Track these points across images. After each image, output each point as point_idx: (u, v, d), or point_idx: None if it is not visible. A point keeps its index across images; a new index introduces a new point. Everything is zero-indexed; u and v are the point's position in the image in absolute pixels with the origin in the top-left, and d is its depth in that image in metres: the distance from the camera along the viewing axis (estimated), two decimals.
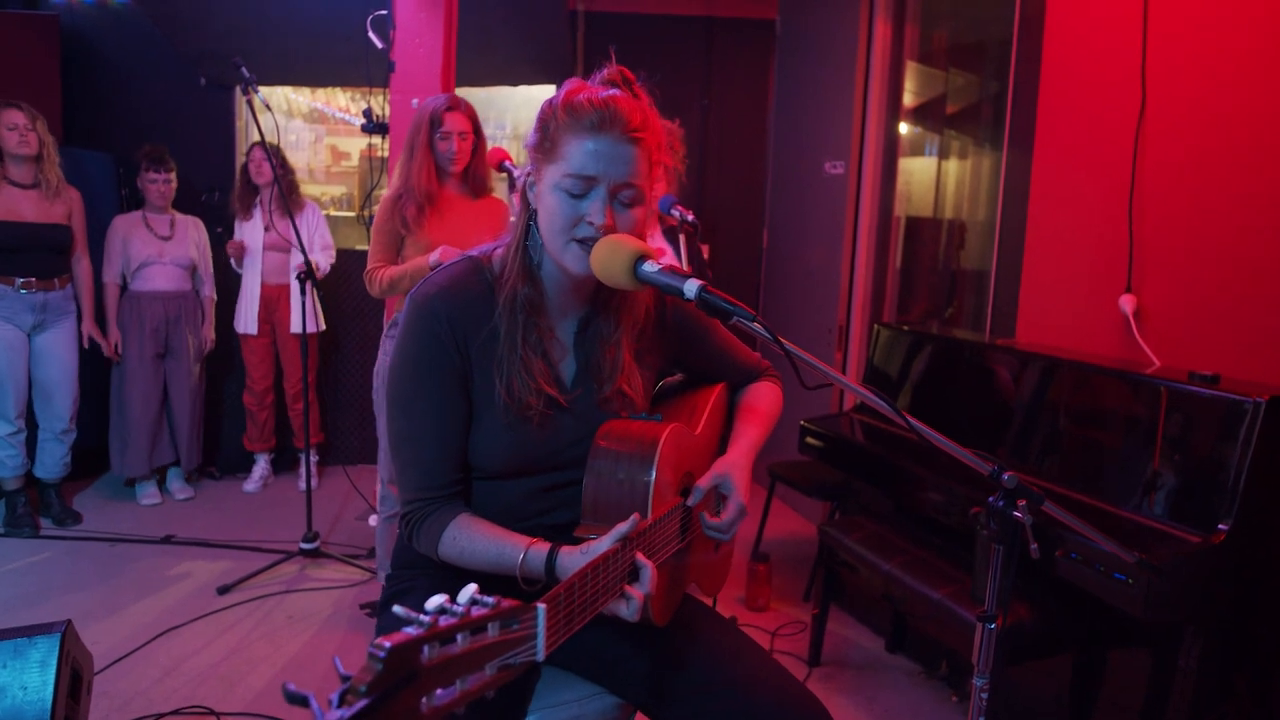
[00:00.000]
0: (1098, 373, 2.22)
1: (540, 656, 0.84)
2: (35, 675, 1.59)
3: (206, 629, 2.90)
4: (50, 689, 1.56)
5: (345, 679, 0.66)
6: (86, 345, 3.88)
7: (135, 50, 4.73)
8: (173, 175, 4.06)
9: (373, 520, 3.69)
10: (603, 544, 1.11)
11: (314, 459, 4.29)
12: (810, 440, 3.00)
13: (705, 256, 2.89)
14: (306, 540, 3.42)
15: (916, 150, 4.08)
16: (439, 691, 0.70)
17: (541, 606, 0.85)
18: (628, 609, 1.11)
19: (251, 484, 4.38)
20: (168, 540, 3.65)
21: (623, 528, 1.12)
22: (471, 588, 0.78)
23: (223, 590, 3.16)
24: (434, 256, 2.58)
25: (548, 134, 1.23)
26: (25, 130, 3.52)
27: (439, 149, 2.72)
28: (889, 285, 4.02)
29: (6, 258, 3.56)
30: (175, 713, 2.38)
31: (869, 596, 3.05)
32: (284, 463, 4.65)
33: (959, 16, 3.86)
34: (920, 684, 2.69)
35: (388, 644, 0.67)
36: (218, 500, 4.23)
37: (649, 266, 1.14)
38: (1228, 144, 2.28)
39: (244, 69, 3.25)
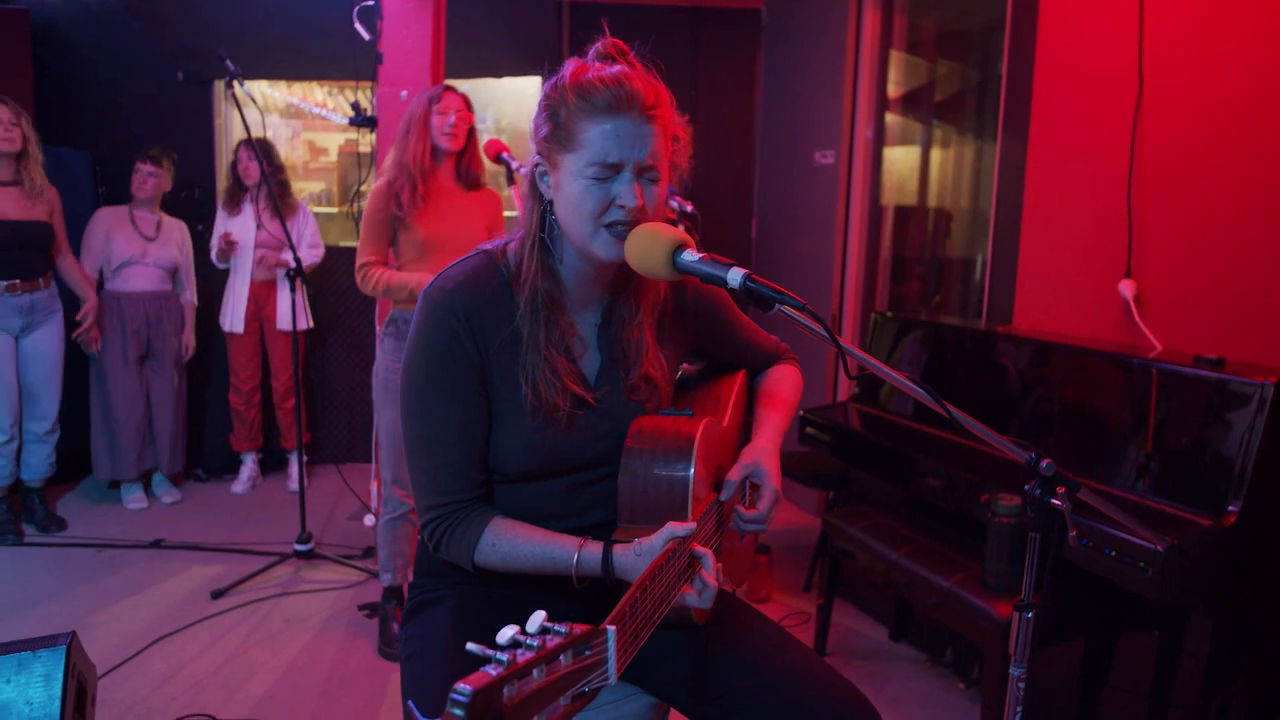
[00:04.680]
0: (1099, 357, 2.23)
1: (612, 680, 0.81)
2: (39, 690, 1.53)
3: (202, 635, 2.85)
4: (56, 704, 1.51)
5: None
6: (85, 330, 3.78)
7: (110, 44, 4.61)
8: (159, 170, 3.98)
9: (368, 520, 3.64)
10: (656, 543, 1.09)
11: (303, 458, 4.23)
12: (810, 431, 3.00)
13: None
14: (300, 541, 3.37)
15: (906, 139, 4.08)
16: None
17: (611, 629, 0.82)
18: (700, 598, 1.10)
19: (240, 485, 4.31)
20: (157, 545, 3.58)
21: (678, 530, 1.09)
22: (540, 615, 0.75)
23: (217, 594, 3.10)
24: None
25: (559, 121, 1.18)
26: (9, 126, 3.43)
27: (436, 124, 2.63)
28: (880, 274, 4.02)
29: None
30: None
31: (871, 585, 3.05)
32: (270, 463, 4.58)
33: (948, 4, 3.86)
34: (926, 671, 2.70)
35: (469, 688, 0.63)
36: (206, 503, 4.16)
37: (689, 255, 1.11)
38: (1226, 128, 2.29)
39: (228, 62, 3.18)
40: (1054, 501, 1.13)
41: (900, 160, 4.08)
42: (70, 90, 4.62)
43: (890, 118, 3.97)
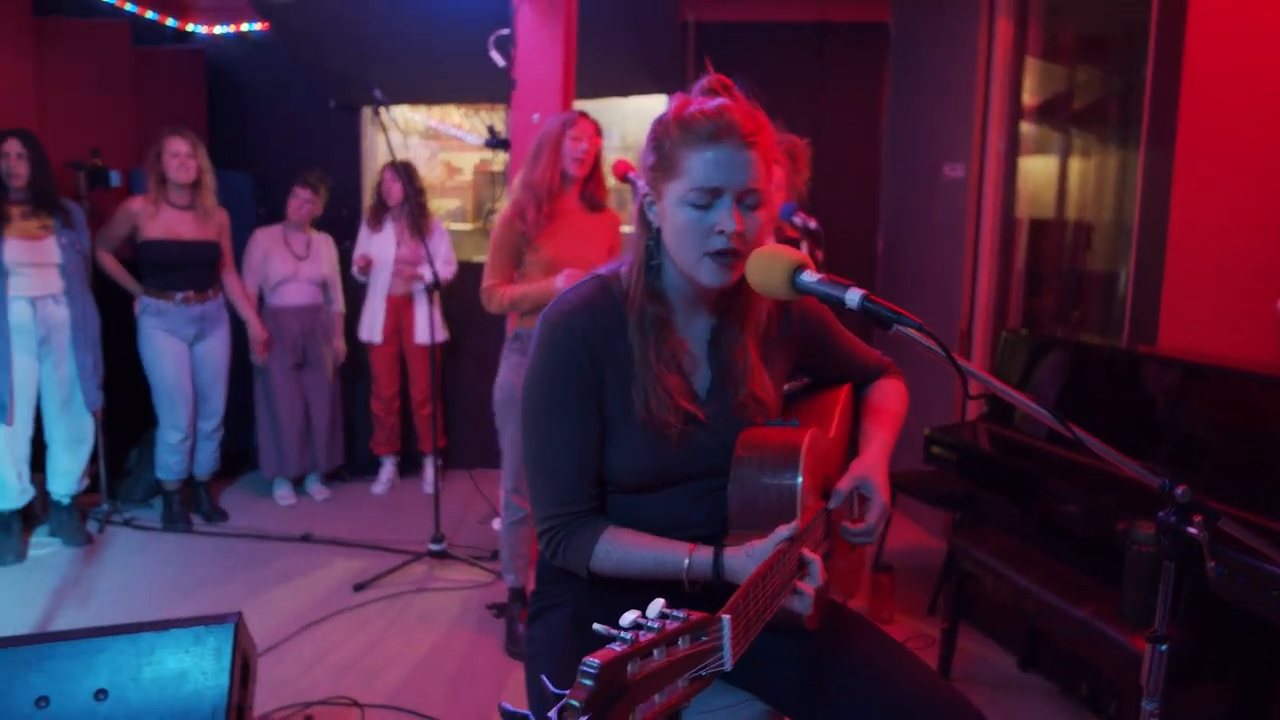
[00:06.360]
0: (1258, 380, 2.09)
1: (728, 666, 0.85)
2: (211, 662, 1.71)
3: (345, 624, 3.06)
4: (226, 675, 1.69)
5: (558, 696, 0.69)
6: (259, 348, 4.15)
7: (272, 78, 5.05)
8: (314, 196, 4.27)
9: (497, 524, 3.80)
10: (767, 546, 1.13)
11: (438, 463, 4.46)
12: (936, 450, 2.93)
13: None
14: (434, 541, 3.55)
15: (1040, 150, 3.93)
16: (640, 706, 0.72)
17: (726, 617, 0.86)
18: (800, 603, 1.13)
19: (379, 486, 4.59)
20: (306, 539, 3.86)
21: (784, 532, 1.13)
22: (659, 602, 0.80)
23: (359, 587, 3.32)
24: (559, 281, 2.62)
25: (664, 152, 1.25)
26: (186, 158, 3.80)
27: (568, 149, 2.72)
28: (1013, 290, 3.88)
29: (168, 274, 3.85)
30: (323, 702, 2.52)
31: (999, 610, 2.95)
32: (408, 466, 4.84)
33: (1087, 9, 3.71)
34: (1058, 704, 2.58)
35: (598, 661, 0.69)
36: (348, 501, 4.45)
37: (808, 276, 1.15)
38: None
39: (377, 92, 3.42)
40: (1189, 530, 1.09)
41: (1037, 171, 3.93)
42: (236, 119, 5.08)
43: (1025, 127, 3.83)
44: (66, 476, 3.74)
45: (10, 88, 4.13)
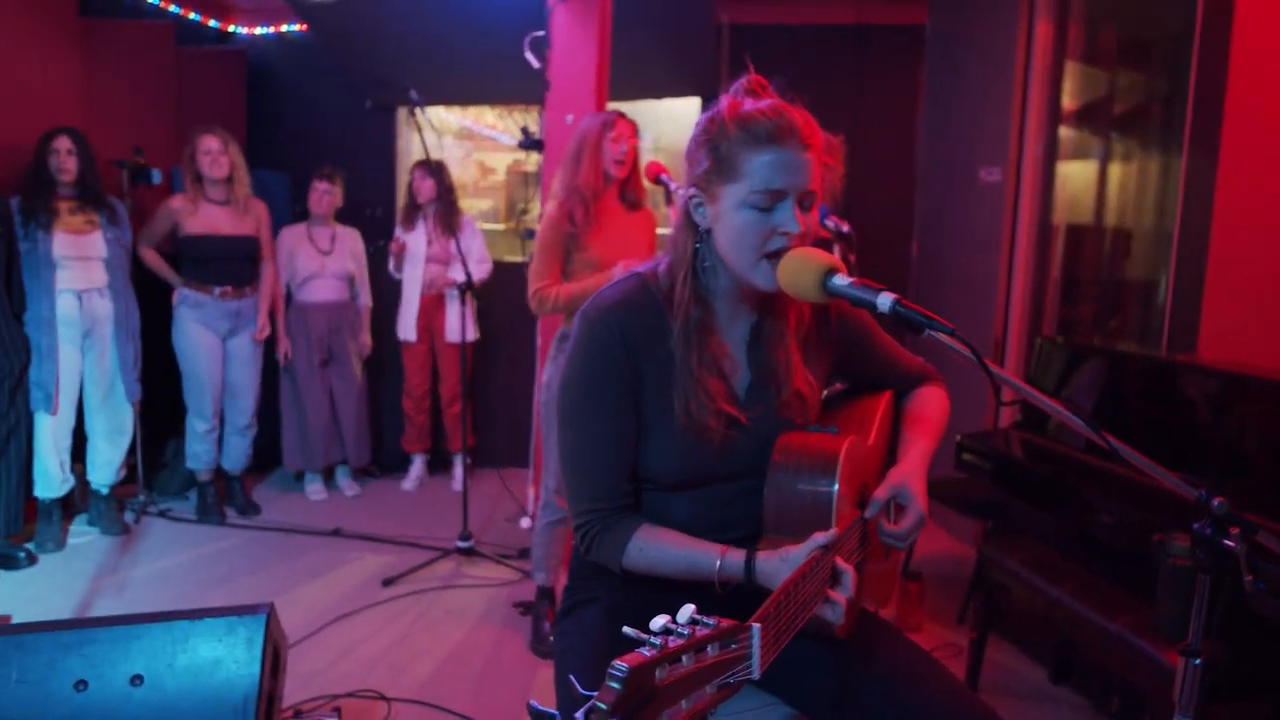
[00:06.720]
0: None
1: (756, 675, 0.85)
2: (243, 651, 1.74)
3: (374, 618, 3.09)
4: (258, 665, 1.71)
5: (586, 697, 0.69)
6: (258, 339, 4.19)
7: (309, 79, 5.13)
8: (333, 187, 4.32)
9: (524, 523, 3.83)
10: (801, 553, 1.12)
11: (466, 461, 4.50)
12: (968, 457, 2.90)
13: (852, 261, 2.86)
14: (462, 539, 3.58)
15: (1079, 155, 3.87)
16: (667, 711, 0.72)
17: (756, 626, 0.86)
18: (833, 613, 1.12)
19: (409, 483, 4.63)
20: (336, 533, 3.91)
21: (820, 539, 1.12)
22: (690, 608, 0.80)
23: (387, 582, 3.35)
24: (617, 271, 2.60)
25: (720, 153, 1.24)
26: (218, 154, 3.87)
27: (609, 151, 2.73)
28: (1049, 297, 3.83)
29: (206, 268, 3.93)
30: (350, 695, 2.55)
31: (1030, 621, 2.91)
32: (437, 463, 4.88)
33: (1129, 12, 3.65)
34: (1088, 719, 2.54)
35: (626, 665, 0.69)
36: (378, 497, 4.50)
37: (840, 280, 1.15)
38: None
39: (413, 93, 3.46)
40: (1226, 542, 1.07)
41: (1075, 176, 3.88)
42: (274, 119, 5.16)
43: (1064, 131, 3.78)
44: (106, 467, 3.83)
45: (57, 87, 4.23)
